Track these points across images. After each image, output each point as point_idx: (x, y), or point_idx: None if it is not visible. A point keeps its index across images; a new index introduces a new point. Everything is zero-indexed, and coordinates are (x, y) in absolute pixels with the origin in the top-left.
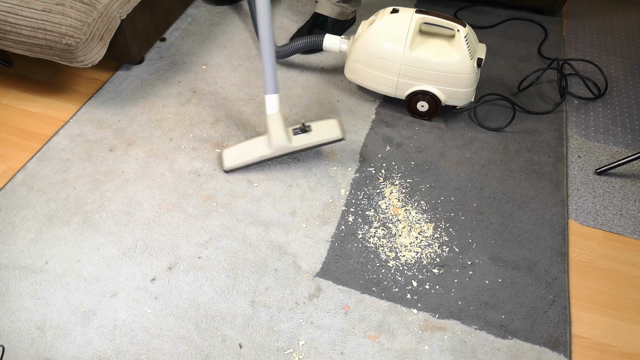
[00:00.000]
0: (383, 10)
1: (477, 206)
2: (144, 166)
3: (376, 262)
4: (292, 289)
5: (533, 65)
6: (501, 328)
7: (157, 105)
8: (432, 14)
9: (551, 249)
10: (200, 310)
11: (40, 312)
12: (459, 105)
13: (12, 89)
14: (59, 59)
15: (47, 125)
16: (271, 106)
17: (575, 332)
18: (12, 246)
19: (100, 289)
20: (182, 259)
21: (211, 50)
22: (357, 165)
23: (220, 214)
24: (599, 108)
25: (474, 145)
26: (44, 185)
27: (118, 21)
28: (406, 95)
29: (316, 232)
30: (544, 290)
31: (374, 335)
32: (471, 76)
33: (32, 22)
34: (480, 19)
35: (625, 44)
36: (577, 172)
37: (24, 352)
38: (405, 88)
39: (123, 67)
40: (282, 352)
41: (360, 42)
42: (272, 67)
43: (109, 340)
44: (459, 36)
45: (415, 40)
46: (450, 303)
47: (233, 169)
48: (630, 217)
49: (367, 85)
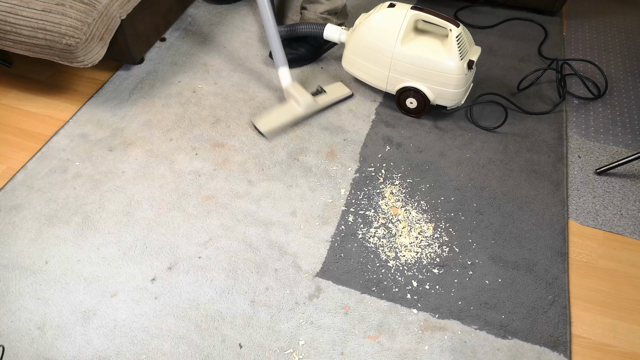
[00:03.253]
0: (381, 5)
1: (477, 206)
2: (143, 166)
3: (376, 262)
4: (292, 289)
5: (533, 65)
6: (501, 328)
7: (157, 105)
8: (427, 11)
9: (551, 249)
10: (200, 310)
11: (40, 312)
12: (448, 105)
13: (12, 89)
14: (59, 59)
15: (47, 125)
16: (286, 77)
17: (575, 332)
18: (12, 246)
19: (100, 289)
20: (182, 259)
21: (211, 50)
22: (357, 165)
23: (220, 214)
24: (599, 108)
25: (473, 145)
26: (44, 185)
27: (118, 21)
28: (396, 91)
29: (316, 232)
30: (544, 290)
31: (374, 335)
32: (460, 77)
33: (32, 22)
34: (480, 19)
35: (625, 44)
36: (577, 172)
37: (24, 352)
38: (395, 83)
39: (123, 67)
40: (282, 352)
41: (357, 33)
42: (279, 43)
43: (109, 340)
44: (451, 36)
45: (408, 35)
46: (450, 303)
47: (272, 132)
48: (630, 217)
49: (361, 77)
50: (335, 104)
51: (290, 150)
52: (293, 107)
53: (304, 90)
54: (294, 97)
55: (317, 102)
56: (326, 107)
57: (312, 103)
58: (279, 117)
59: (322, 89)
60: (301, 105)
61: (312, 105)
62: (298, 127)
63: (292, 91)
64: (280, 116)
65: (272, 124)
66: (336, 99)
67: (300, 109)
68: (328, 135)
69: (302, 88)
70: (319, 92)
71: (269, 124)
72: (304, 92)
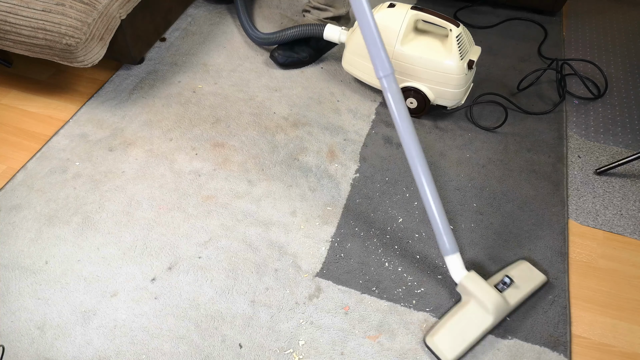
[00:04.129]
0: (381, 5)
1: (477, 206)
2: (144, 166)
3: (376, 262)
4: (292, 289)
5: (533, 65)
6: (501, 328)
7: (157, 105)
8: (427, 11)
9: (551, 249)
10: (200, 310)
11: (40, 312)
12: (448, 105)
13: (12, 89)
14: (59, 59)
15: (47, 125)
16: (458, 267)
17: (575, 332)
18: (12, 246)
19: (100, 289)
20: (182, 259)
21: (211, 50)
22: (357, 165)
23: (220, 214)
24: (599, 108)
25: (473, 145)
26: (44, 185)
27: (118, 21)
28: None
29: (316, 232)
30: (544, 290)
31: (374, 335)
32: (460, 77)
33: (32, 22)
34: (480, 19)
35: (625, 44)
36: (577, 172)
37: (24, 352)
38: None
39: (123, 67)
40: (282, 352)
41: (357, 34)
42: (444, 226)
43: (109, 340)
44: (451, 36)
45: (408, 35)
46: (450, 303)
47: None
48: (630, 217)
49: (361, 77)
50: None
51: (290, 150)
52: (477, 313)
53: (486, 284)
54: (474, 297)
55: (508, 303)
56: (519, 305)
57: (502, 304)
58: (464, 333)
59: (510, 280)
60: (489, 309)
61: (502, 308)
62: (298, 127)
63: (471, 288)
64: (466, 331)
65: (460, 347)
66: (530, 293)
67: (488, 316)
68: (328, 135)
69: (483, 281)
70: (506, 284)
71: (455, 348)
72: (488, 288)
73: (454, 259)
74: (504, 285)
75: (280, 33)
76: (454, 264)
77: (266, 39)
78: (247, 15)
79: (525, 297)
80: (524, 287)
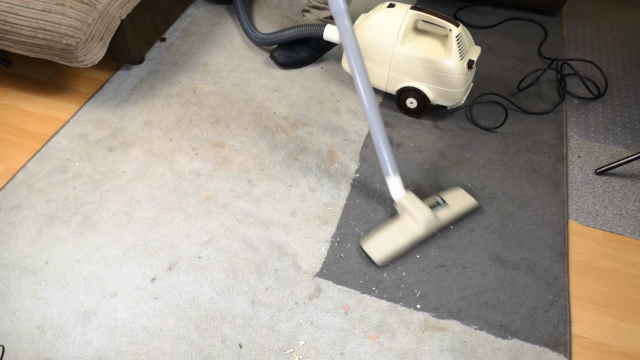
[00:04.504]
0: (381, 5)
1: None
2: (143, 166)
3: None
4: (292, 289)
5: (533, 65)
6: (501, 328)
7: (157, 105)
8: (427, 11)
9: (551, 249)
10: (200, 310)
11: (40, 312)
12: (448, 105)
13: (12, 89)
14: (59, 59)
15: (47, 125)
16: (397, 188)
17: (575, 332)
18: (12, 246)
19: (100, 289)
20: (182, 259)
21: (211, 50)
22: (357, 165)
23: (220, 214)
24: (599, 108)
25: (473, 145)
26: (44, 185)
27: (118, 21)
28: (396, 91)
29: (316, 232)
30: (544, 290)
31: (374, 335)
32: (460, 77)
33: (32, 22)
34: (480, 19)
35: (625, 44)
36: (577, 172)
37: (24, 352)
38: (395, 83)
39: (123, 67)
40: (282, 352)
41: (356, 34)
42: (386, 149)
43: (109, 340)
44: (451, 35)
45: (408, 35)
46: (450, 303)
47: (386, 260)
48: (630, 217)
49: None
50: (460, 219)
51: (290, 150)
52: (409, 225)
53: (421, 203)
54: (409, 213)
55: (439, 218)
56: (450, 223)
57: (433, 219)
58: (394, 240)
59: (442, 200)
60: (419, 222)
61: (432, 222)
62: (298, 127)
63: (406, 205)
64: (395, 238)
65: (387, 250)
66: (461, 213)
67: (419, 227)
68: (328, 135)
69: (419, 200)
70: (439, 204)
71: (382, 250)
72: (422, 206)
73: (395, 180)
74: (437, 204)
75: (279, 33)
76: (394, 184)
77: (266, 39)
78: (246, 15)
79: (456, 216)
80: (455, 208)
